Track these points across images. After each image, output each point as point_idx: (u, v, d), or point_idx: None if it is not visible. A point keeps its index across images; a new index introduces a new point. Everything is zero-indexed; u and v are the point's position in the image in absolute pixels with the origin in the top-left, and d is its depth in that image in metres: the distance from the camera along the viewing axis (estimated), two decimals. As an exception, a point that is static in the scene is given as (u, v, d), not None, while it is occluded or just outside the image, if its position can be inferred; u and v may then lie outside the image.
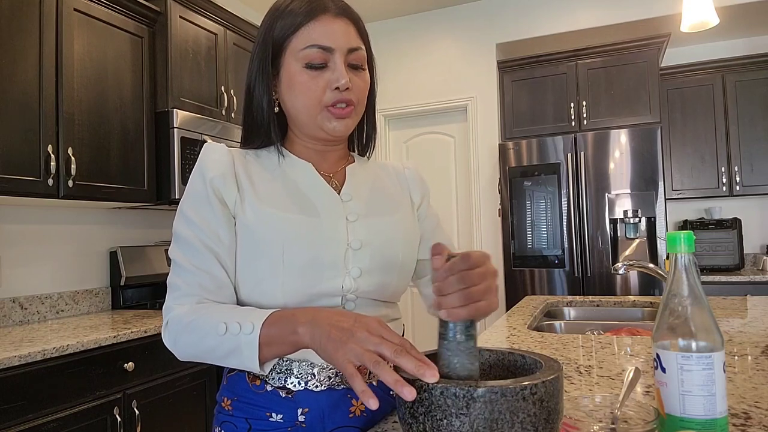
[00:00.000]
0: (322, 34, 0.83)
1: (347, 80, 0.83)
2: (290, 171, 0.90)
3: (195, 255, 0.81)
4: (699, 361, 0.63)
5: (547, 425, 0.58)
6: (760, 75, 3.65)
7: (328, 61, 0.84)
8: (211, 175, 0.84)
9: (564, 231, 3.35)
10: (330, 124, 0.85)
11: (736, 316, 1.75)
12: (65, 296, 2.52)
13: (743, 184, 3.65)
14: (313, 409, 0.83)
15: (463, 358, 0.63)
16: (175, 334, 0.79)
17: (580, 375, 1.11)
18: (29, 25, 2.07)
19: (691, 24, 2.15)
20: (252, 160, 0.90)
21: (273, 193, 0.86)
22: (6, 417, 1.62)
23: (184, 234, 0.83)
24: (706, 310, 0.64)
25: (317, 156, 0.93)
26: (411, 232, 0.95)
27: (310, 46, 0.83)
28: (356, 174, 0.95)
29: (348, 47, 0.84)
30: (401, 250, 0.90)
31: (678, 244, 0.66)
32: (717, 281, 3.39)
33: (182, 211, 0.84)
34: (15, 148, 1.99)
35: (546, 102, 3.68)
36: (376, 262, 0.87)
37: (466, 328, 0.63)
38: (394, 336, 0.64)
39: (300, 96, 0.84)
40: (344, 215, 0.87)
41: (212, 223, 0.82)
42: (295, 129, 0.91)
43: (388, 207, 0.94)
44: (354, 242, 0.85)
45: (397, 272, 0.90)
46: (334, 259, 0.83)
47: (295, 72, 0.84)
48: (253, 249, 0.82)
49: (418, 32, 4.14)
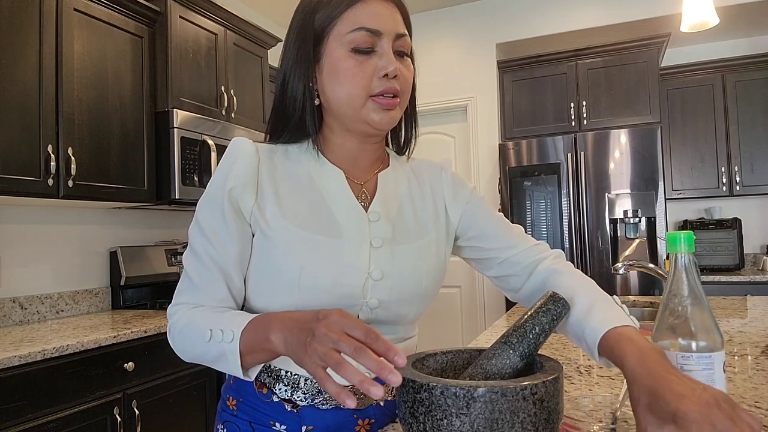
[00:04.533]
0: (370, 16, 0.78)
1: (396, 67, 0.78)
2: (319, 178, 0.84)
3: (203, 271, 0.79)
4: (699, 361, 0.63)
5: (548, 425, 0.58)
6: (761, 75, 3.64)
7: (376, 45, 0.78)
8: (232, 184, 0.79)
9: (564, 231, 3.35)
10: (376, 116, 0.79)
11: (736, 316, 1.75)
12: (65, 296, 2.52)
13: (743, 184, 3.65)
14: (318, 428, 0.81)
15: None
16: (173, 339, 0.79)
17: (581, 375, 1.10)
18: (29, 25, 2.07)
19: (691, 24, 2.15)
20: (280, 160, 0.85)
21: (297, 205, 0.81)
22: (6, 417, 1.62)
23: (195, 246, 0.80)
24: (706, 310, 0.64)
25: (351, 158, 0.86)
26: (439, 259, 0.88)
27: (357, 29, 0.77)
28: (388, 184, 0.89)
29: (396, 32, 0.79)
30: (425, 280, 0.84)
31: (678, 244, 0.66)
32: (717, 281, 3.39)
33: (198, 218, 0.81)
34: (15, 148, 1.99)
35: (546, 102, 3.68)
36: (396, 293, 0.81)
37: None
38: (356, 327, 0.59)
39: (345, 83, 0.78)
40: (368, 239, 0.81)
41: (223, 237, 0.79)
42: (333, 124, 0.85)
43: (418, 229, 0.87)
44: (375, 272, 0.80)
45: (418, 302, 0.85)
46: (353, 288, 0.79)
47: (341, 57, 0.78)
48: (271, 264, 0.79)
49: (418, 32, 4.14)
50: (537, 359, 0.68)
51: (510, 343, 0.68)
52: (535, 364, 0.67)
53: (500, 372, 0.67)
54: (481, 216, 0.93)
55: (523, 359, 0.67)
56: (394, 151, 0.96)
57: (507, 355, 0.68)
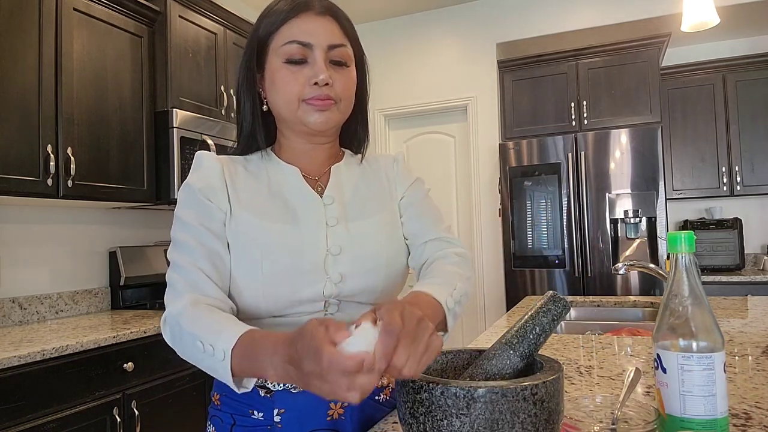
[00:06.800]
0: (302, 30, 0.85)
1: (326, 75, 0.83)
2: (276, 176, 0.91)
3: (191, 253, 0.82)
4: (699, 362, 0.62)
5: (548, 426, 0.58)
6: (761, 75, 3.64)
7: (308, 57, 0.85)
8: (200, 185, 0.86)
9: (564, 231, 3.34)
10: (310, 117, 0.86)
11: (737, 316, 1.75)
12: (65, 296, 2.52)
13: (744, 184, 3.65)
14: (289, 410, 0.83)
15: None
16: (170, 335, 0.80)
17: (581, 375, 1.10)
18: (29, 25, 2.06)
19: (691, 24, 2.14)
20: (240, 167, 0.92)
21: (255, 200, 0.88)
22: (6, 417, 1.61)
23: (179, 237, 0.84)
24: (706, 310, 0.64)
25: (305, 157, 0.93)
26: (396, 232, 0.94)
27: (289, 42, 0.85)
28: (340, 174, 0.95)
29: (328, 44, 0.86)
30: (385, 251, 0.89)
31: (678, 244, 0.66)
32: (717, 281, 3.38)
33: (177, 216, 0.86)
34: (14, 148, 1.99)
35: (546, 102, 3.68)
36: (357, 266, 0.86)
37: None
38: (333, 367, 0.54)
39: (281, 91, 0.86)
40: (324, 220, 0.88)
41: (206, 220, 0.84)
42: (283, 129, 0.93)
43: (371, 208, 0.93)
44: (333, 248, 0.86)
45: (383, 274, 0.89)
46: (314, 265, 0.84)
47: (276, 68, 0.86)
48: (235, 257, 0.84)
49: (419, 32, 4.13)
50: (537, 359, 0.68)
51: (510, 344, 0.68)
52: (536, 365, 0.67)
53: (500, 372, 0.67)
54: (416, 202, 0.99)
55: (523, 359, 0.67)
56: (350, 151, 1.02)
57: (507, 356, 0.67)
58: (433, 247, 0.94)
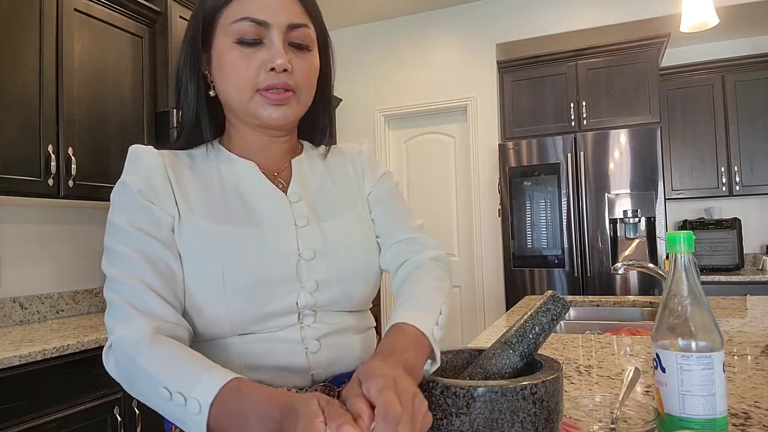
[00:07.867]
0: (257, 6, 0.72)
1: (285, 60, 0.72)
2: (229, 173, 0.79)
3: (134, 267, 0.69)
4: (699, 361, 0.63)
5: (547, 425, 0.59)
6: (760, 75, 3.65)
7: (264, 37, 0.73)
8: (140, 186, 0.73)
9: (564, 231, 3.35)
10: (264, 111, 0.74)
11: (736, 316, 1.75)
12: (65, 296, 2.52)
13: (743, 184, 3.65)
14: None
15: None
16: (116, 368, 0.67)
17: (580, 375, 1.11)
18: (29, 25, 2.07)
19: (691, 24, 2.15)
20: (184, 164, 0.79)
21: (207, 201, 0.76)
22: (6, 417, 1.62)
23: (117, 247, 0.71)
24: (705, 310, 0.65)
25: (260, 151, 0.82)
26: (369, 230, 0.85)
27: (242, 19, 0.72)
28: (303, 167, 0.85)
29: (288, 23, 0.74)
30: (363, 254, 0.81)
31: (678, 244, 0.66)
32: (717, 281, 3.39)
33: (112, 222, 0.73)
34: (15, 148, 1.99)
35: (546, 102, 3.68)
36: (334, 272, 0.77)
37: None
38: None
39: (231, 77, 0.74)
40: (292, 220, 0.77)
41: (149, 227, 0.71)
42: (233, 119, 0.80)
43: (341, 205, 0.84)
44: (306, 252, 0.75)
45: (362, 279, 0.80)
46: (285, 273, 0.74)
47: (225, 49, 0.74)
48: (190, 269, 0.72)
49: (419, 32, 4.14)
50: (537, 359, 0.68)
51: (510, 343, 0.68)
52: (535, 364, 0.68)
53: (500, 372, 0.68)
54: (385, 197, 0.90)
55: (522, 359, 0.68)
56: (310, 143, 0.91)
57: (507, 355, 0.68)
58: (406, 249, 0.85)
